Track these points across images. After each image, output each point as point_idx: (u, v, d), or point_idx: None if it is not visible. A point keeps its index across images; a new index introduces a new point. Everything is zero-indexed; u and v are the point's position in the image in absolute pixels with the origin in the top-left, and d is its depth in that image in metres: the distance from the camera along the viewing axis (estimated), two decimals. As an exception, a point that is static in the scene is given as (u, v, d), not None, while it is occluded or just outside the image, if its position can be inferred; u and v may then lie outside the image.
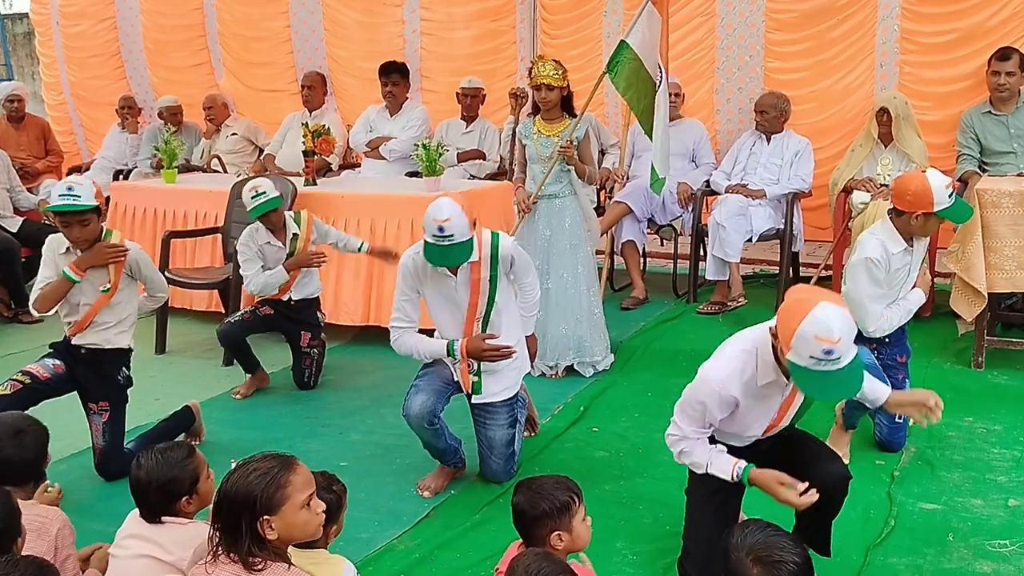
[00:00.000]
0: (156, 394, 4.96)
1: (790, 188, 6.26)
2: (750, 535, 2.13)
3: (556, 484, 2.68)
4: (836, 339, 2.48)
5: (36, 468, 2.91)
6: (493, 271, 3.72)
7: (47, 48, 9.83)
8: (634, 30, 5.17)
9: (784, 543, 2.11)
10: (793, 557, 2.07)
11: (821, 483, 2.90)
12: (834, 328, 2.49)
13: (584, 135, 5.04)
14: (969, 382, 4.89)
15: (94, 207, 3.83)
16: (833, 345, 2.49)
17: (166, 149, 6.71)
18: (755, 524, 2.20)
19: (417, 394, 3.74)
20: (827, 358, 2.50)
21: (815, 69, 6.80)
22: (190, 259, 6.41)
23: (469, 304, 3.76)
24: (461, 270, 3.72)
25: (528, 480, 2.74)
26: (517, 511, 2.67)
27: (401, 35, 8.15)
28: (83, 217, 3.81)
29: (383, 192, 6.00)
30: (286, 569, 2.25)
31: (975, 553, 3.26)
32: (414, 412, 3.70)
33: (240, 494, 2.21)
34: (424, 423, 3.71)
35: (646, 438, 4.32)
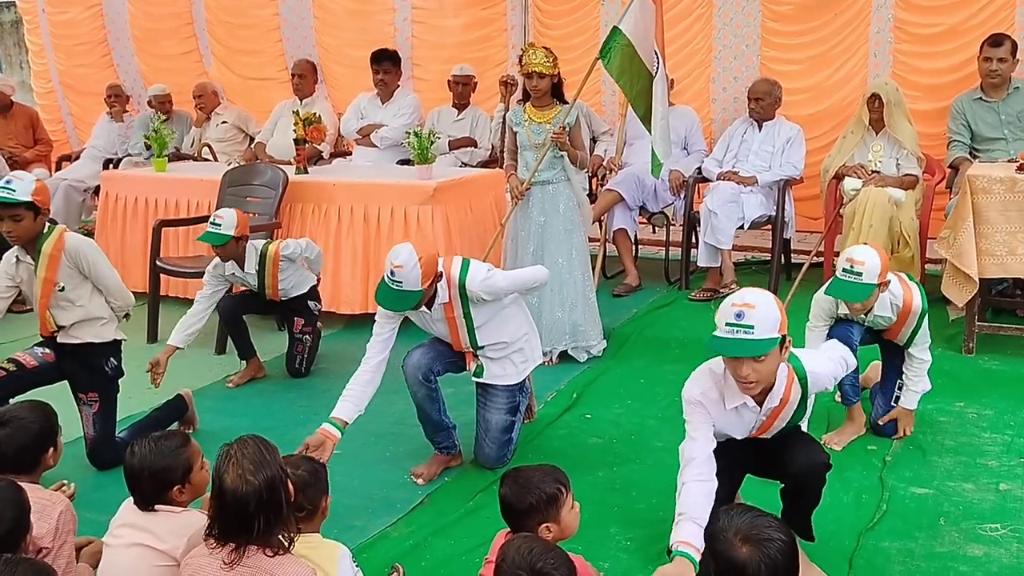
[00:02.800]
0: (148, 383, 4.90)
1: (781, 175, 6.27)
2: (736, 517, 2.17)
3: (543, 475, 2.68)
4: (750, 303, 2.66)
5: (36, 455, 2.88)
6: (465, 308, 3.73)
7: (35, 36, 9.77)
8: (627, 16, 5.16)
9: (770, 522, 2.16)
10: (780, 535, 2.12)
11: (796, 471, 2.97)
12: (747, 296, 2.70)
13: (575, 121, 5.05)
14: (960, 367, 4.91)
15: (26, 202, 3.74)
16: (743, 307, 2.65)
17: (156, 138, 6.68)
18: (740, 507, 2.24)
19: (417, 348, 3.83)
20: (737, 321, 2.64)
21: (811, 58, 6.85)
22: (183, 248, 6.39)
23: (451, 334, 3.82)
24: (435, 309, 3.75)
25: (515, 472, 2.74)
26: (504, 503, 2.67)
27: (392, 23, 8.13)
28: (13, 211, 3.75)
29: (374, 180, 5.99)
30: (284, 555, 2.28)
31: (966, 537, 3.28)
32: (412, 362, 3.76)
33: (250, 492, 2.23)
34: (419, 375, 3.73)
35: (639, 424, 4.33)
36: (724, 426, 2.97)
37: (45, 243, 3.86)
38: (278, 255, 4.94)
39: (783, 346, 2.77)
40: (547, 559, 2.26)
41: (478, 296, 3.71)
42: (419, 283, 3.52)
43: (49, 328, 3.96)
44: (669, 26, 6.93)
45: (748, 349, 2.68)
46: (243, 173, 6.23)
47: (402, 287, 3.52)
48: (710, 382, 2.94)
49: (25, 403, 3.06)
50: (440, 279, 3.65)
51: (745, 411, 2.93)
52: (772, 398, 2.88)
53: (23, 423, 2.86)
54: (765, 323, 2.67)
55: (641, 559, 3.20)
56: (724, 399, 2.90)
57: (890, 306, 3.85)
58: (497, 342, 3.85)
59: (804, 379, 2.93)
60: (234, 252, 4.88)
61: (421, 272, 3.51)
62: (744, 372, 2.73)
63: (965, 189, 4.89)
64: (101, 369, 4.01)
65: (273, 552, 2.26)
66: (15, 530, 2.39)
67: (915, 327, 3.89)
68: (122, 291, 4.09)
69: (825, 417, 4.18)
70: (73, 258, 3.90)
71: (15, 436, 2.84)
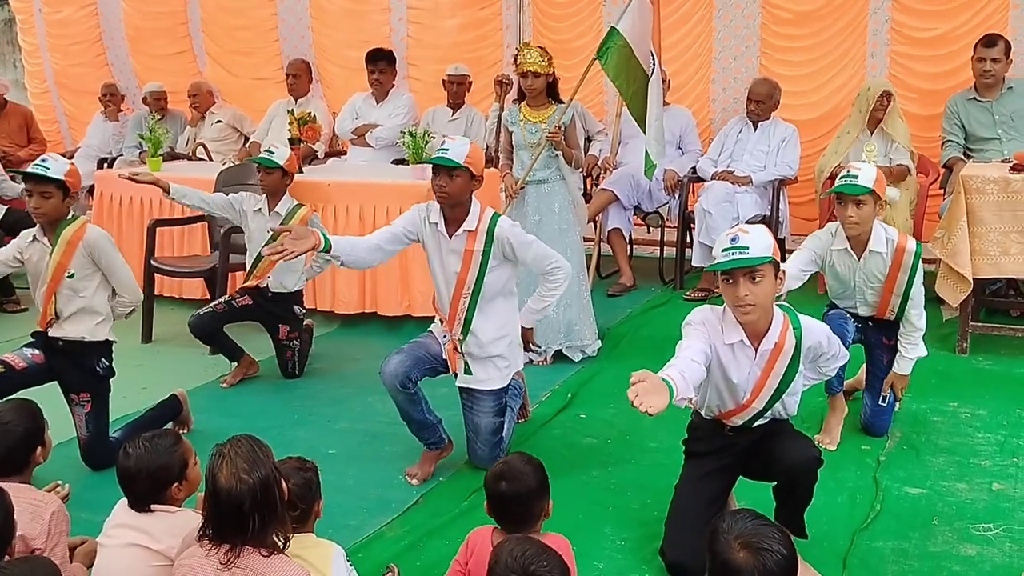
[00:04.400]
0: (143, 383, 4.94)
1: (776, 175, 6.28)
2: (740, 522, 2.15)
3: (523, 460, 2.74)
4: (745, 230, 2.81)
5: (23, 456, 2.87)
6: (487, 246, 3.73)
7: (29, 36, 9.73)
8: (624, 17, 5.17)
9: (773, 534, 2.13)
10: (780, 548, 2.10)
11: (789, 467, 3.01)
12: (742, 226, 2.86)
13: (571, 121, 5.05)
14: (953, 367, 4.92)
15: (58, 181, 3.83)
16: (738, 233, 2.79)
17: (151, 137, 6.67)
18: (747, 513, 2.23)
19: (396, 355, 3.77)
20: (733, 244, 2.77)
21: (809, 60, 6.91)
22: (177, 248, 6.39)
23: (458, 277, 3.77)
24: (456, 237, 3.74)
25: (500, 471, 2.73)
26: (508, 499, 2.67)
27: (387, 23, 8.13)
28: (44, 188, 3.83)
29: (369, 179, 5.99)
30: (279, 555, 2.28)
31: (960, 536, 3.29)
32: (389, 370, 3.71)
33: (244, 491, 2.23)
34: (397, 383, 3.70)
35: (633, 425, 4.33)
36: (725, 362, 2.98)
37: (66, 228, 3.91)
38: (309, 215, 5.04)
39: (778, 276, 2.85)
40: (540, 561, 2.25)
41: (505, 241, 3.73)
42: (462, 158, 3.63)
43: (48, 317, 3.95)
44: (670, 28, 7.01)
45: (744, 263, 2.77)
46: (238, 172, 6.22)
47: (447, 154, 3.63)
48: (712, 314, 3.01)
49: (9, 404, 3.04)
50: (479, 185, 3.77)
51: (741, 353, 2.95)
52: (768, 340, 2.92)
53: (8, 426, 2.85)
54: (759, 245, 2.78)
55: (635, 559, 3.21)
56: (724, 336, 2.95)
57: (885, 241, 3.88)
58: (484, 334, 3.81)
59: (798, 328, 2.96)
60: (278, 185, 5.03)
61: (470, 150, 3.65)
62: (741, 292, 2.80)
63: (959, 189, 4.90)
64: (92, 369, 4.00)
65: (268, 552, 2.26)
66: (2, 531, 2.37)
67: (908, 281, 3.89)
68: (132, 286, 4.12)
69: (818, 418, 4.18)
70: (90, 249, 3.93)
71: (1, 440, 2.82)
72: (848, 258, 3.97)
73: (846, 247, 3.95)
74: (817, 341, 3.04)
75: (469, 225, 3.73)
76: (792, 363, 2.97)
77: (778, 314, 2.95)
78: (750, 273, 2.79)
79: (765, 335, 2.94)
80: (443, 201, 3.74)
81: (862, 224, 3.84)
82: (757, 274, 2.79)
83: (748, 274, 2.80)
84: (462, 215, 3.75)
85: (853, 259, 3.95)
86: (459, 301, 3.79)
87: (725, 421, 3.11)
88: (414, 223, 3.85)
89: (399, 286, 5.71)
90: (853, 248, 3.94)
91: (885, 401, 4.09)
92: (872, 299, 4.01)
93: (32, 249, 4.01)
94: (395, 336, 5.38)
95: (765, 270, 2.80)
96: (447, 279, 3.81)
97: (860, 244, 3.92)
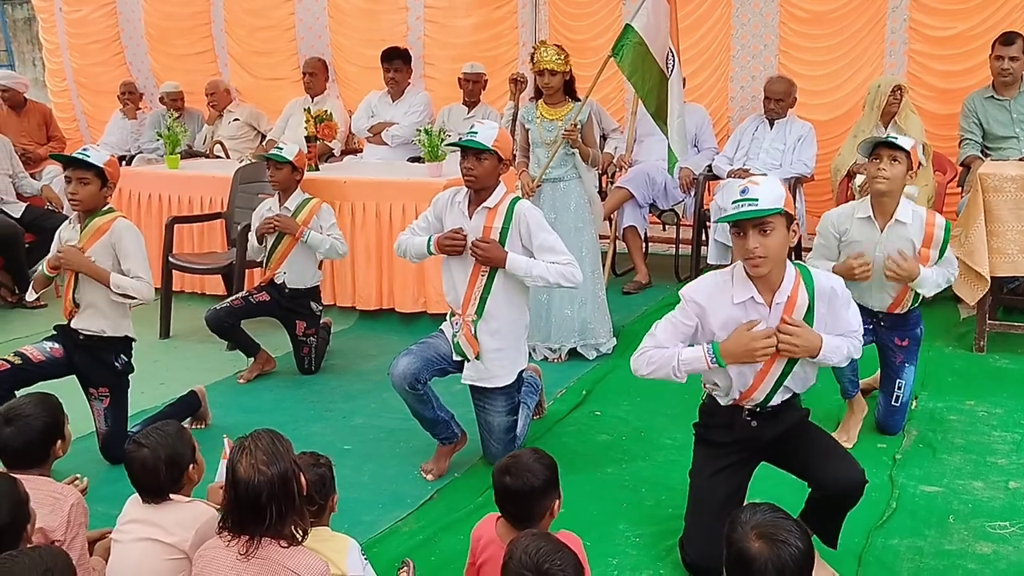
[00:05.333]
0: (161, 378, 4.98)
1: (792, 173, 6.26)
2: (759, 513, 2.15)
3: (534, 456, 2.71)
4: (755, 181, 2.78)
5: (43, 449, 2.89)
6: (506, 223, 3.75)
7: (50, 35, 9.81)
8: (639, 14, 5.17)
9: (791, 527, 2.12)
10: (796, 542, 2.08)
11: (835, 487, 2.90)
12: (753, 178, 2.84)
13: (587, 118, 5.06)
14: (971, 366, 4.91)
15: (97, 168, 3.90)
16: (748, 184, 2.77)
17: (169, 135, 6.71)
18: (767, 506, 2.21)
19: (405, 356, 3.78)
20: (742, 196, 2.75)
21: (828, 60, 6.92)
22: (196, 244, 6.44)
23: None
24: (476, 215, 3.77)
25: (507, 465, 2.71)
26: (513, 494, 2.66)
27: (404, 22, 8.17)
28: (83, 174, 3.89)
29: (385, 177, 6.01)
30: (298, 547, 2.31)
31: (975, 535, 3.28)
32: (398, 372, 3.73)
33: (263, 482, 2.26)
34: (406, 385, 3.72)
35: (648, 422, 4.34)
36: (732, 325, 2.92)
37: (97, 218, 3.97)
38: (318, 206, 5.08)
39: (791, 228, 2.82)
40: (555, 559, 2.23)
41: (522, 220, 3.75)
42: (491, 141, 3.69)
43: (69, 306, 3.99)
44: (689, 27, 7.04)
45: (751, 214, 2.74)
46: (255, 170, 6.25)
47: (476, 137, 3.70)
48: (713, 279, 2.98)
49: (30, 397, 3.05)
50: (507, 169, 3.84)
51: (753, 310, 2.89)
52: (780, 293, 2.88)
53: (28, 420, 2.86)
54: (769, 196, 2.75)
55: (650, 555, 3.21)
56: (733, 295, 2.90)
57: (911, 214, 3.83)
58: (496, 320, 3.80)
59: (810, 281, 2.91)
60: (288, 180, 5.07)
61: (498, 134, 3.72)
62: (751, 244, 2.77)
63: (977, 187, 4.88)
64: (111, 364, 4.03)
65: (287, 544, 2.29)
66: (13, 524, 2.38)
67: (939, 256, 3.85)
68: (148, 274, 4.03)
69: (835, 418, 4.17)
70: (116, 239, 3.97)
71: (22, 433, 2.84)
72: (870, 229, 3.86)
73: (869, 215, 3.87)
74: (830, 287, 2.94)
75: (489, 203, 3.77)
76: (807, 317, 2.90)
77: (790, 268, 2.91)
78: (760, 225, 2.76)
79: (778, 289, 2.89)
80: (471, 184, 3.78)
81: (892, 181, 3.76)
82: (767, 226, 2.75)
83: (758, 226, 2.76)
84: (486, 197, 3.79)
85: (875, 230, 3.86)
86: (476, 279, 3.80)
87: (743, 404, 3.00)
88: (436, 206, 3.94)
89: (415, 283, 5.74)
90: (877, 216, 3.85)
91: (898, 401, 4.07)
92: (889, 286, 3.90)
93: (66, 233, 4.07)
94: (410, 333, 5.39)
95: (775, 221, 2.76)
96: (465, 259, 3.81)
97: (885, 212, 3.84)
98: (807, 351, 2.88)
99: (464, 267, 3.83)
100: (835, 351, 2.93)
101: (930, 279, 3.84)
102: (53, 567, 2.12)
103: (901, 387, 4.05)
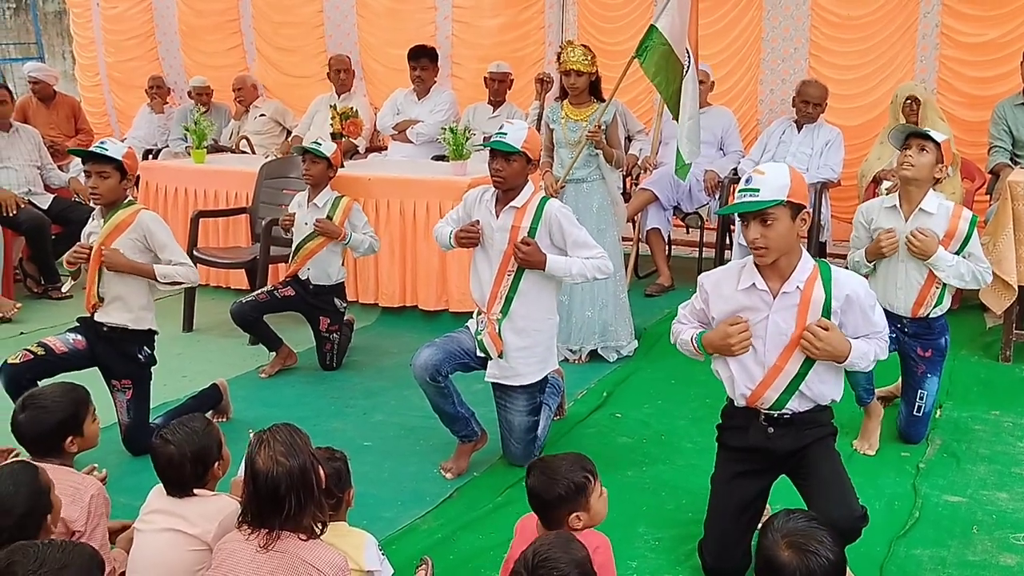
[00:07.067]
0: (183, 371, 5.01)
1: (819, 177, 6.21)
2: (791, 521, 2.13)
3: (570, 465, 2.66)
4: (762, 171, 2.79)
5: (55, 442, 2.86)
6: (534, 223, 3.74)
7: (83, 30, 9.91)
8: (664, 14, 5.13)
9: (824, 537, 2.10)
10: (827, 553, 2.06)
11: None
12: (762, 167, 2.84)
13: (612, 119, 5.04)
14: (996, 376, 4.86)
15: (115, 161, 3.91)
16: (754, 174, 2.79)
17: (196, 130, 6.75)
18: (801, 514, 2.19)
19: (428, 348, 3.78)
20: (746, 186, 2.78)
21: (859, 65, 6.88)
22: (221, 239, 6.47)
23: (504, 253, 3.76)
24: (503, 214, 3.76)
25: (541, 461, 2.72)
26: (532, 494, 2.66)
27: (433, 22, 8.21)
28: (103, 168, 3.91)
29: (410, 175, 6.02)
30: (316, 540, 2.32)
31: (999, 546, 3.24)
32: (419, 363, 3.73)
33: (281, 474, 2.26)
34: (427, 376, 3.72)
35: (669, 425, 4.32)
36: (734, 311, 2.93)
37: (118, 212, 3.98)
38: (351, 206, 5.10)
39: (797, 217, 2.80)
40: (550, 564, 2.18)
41: (553, 220, 3.74)
42: (520, 143, 3.69)
43: (92, 300, 4.01)
44: (721, 31, 7.06)
45: (749, 206, 2.77)
46: (280, 166, 6.28)
47: (505, 139, 3.70)
48: (735, 265, 3.01)
49: (56, 387, 3.03)
50: (535, 169, 3.86)
51: (756, 297, 2.89)
52: (789, 284, 2.85)
53: (44, 410, 2.85)
54: (771, 187, 2.77)
55: (669, 559, 3.20)
56: (739, 281, 2.92)
57: (937, 205, 3.82)
58: (522, 320, 3.78)
59: (828, 279, 2.87)
60: (322, 176, 5.09)
61: (527, 135, 3.72)
62: (751, 235, 2.80)
63: (1006, 195, 4.83)
64: (134, 356, 4.05)
65: (306, 537, 2.29)
66: (32, 512, 2.37)
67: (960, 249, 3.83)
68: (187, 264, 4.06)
69: (855, 425, 4.13)
70: (143, 231, 3.98)
71: (35, 422, 2.84)
72: (896, 217, 3.86)
73: (895, 204, 3.88)
74: (853, 290, 2.88)
75: (517, 203, 3.76)
76: (824, 312, 2.85)
77: (807, 261, 2.88)
78: (760, 216, 2.78)
79: (787, 279, 2.86)
80: (499, 185, 3.78)
81: (918, 169, 3.76)
82: (768, 217, 2.77)
83: (758, 217, 2.78)
84: (514, 197, 3.79)
85: (900, 218, 3.85)
86: (502, 278, 3.79)
87: (758, 406, 2.95)
88: (466, 203, 3.95)
89: (438, 280, 5.74)
90: (903, 205, 3.85)
91: (920, 411, 4.03)
92: (915, 276, 3.86)
93: (90, 227, 4.09)
94: (432, 330, 5.38)
95: (777, 212, 2.76)
96: (492, 258, 3.81)
97: (911, 201, 3.83)
98: (832, 356, 2.85)
99: (491, 265, 3.82)
100: (863, 357, 2.90)
101: (948, 261, 3.80)
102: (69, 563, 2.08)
103: (923, 397, 4.01)
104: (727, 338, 2.89)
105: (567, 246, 3.78)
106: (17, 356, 3.87)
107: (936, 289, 3.87)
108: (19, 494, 2.37)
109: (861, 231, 4.03)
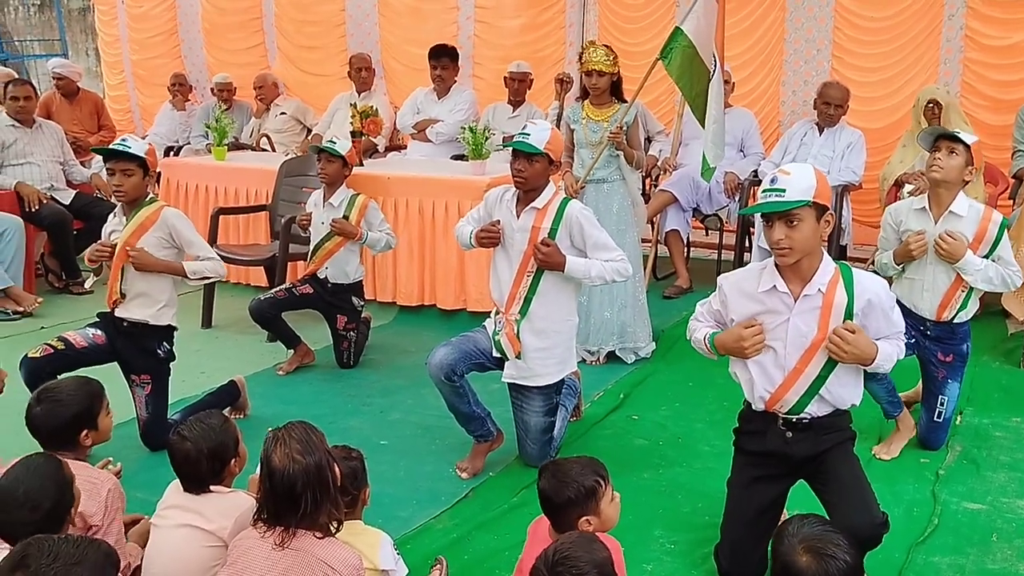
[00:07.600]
0: (202, 367, 5.03)
1: (840, 180, 6.16)
2: (808, 526, 2.12)
3: (582, 468, 2.64)
4: (787, 171, 2.76)
5: (69, 436, 2.86)
6: (555, 224, 3.73)
7: (109, 28, 9.99)
8: (689, 17, 5.11)
9: (840, 541, 2.08)
10: (845, 556, 2.05)
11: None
12: (788, 167, 2.82)
13: (633, 120, 5.02)
14: (1018, 382, 4.81)
15: (138, 159, 3.93)
16: (779, 174, 2.76)
17: (217, 127, 6.78)
18: (816, 518, 2.18)
19: (443, 347, 3.79)
20: (771, 186, 2.75)
21: (882, 67, 6.85)
22: (242, 236, 6.50)
23: (524, 254, 3.76)
24: (524, 214, 3.75)
25: (553, 464, 2.71)
26: (543, 496, 2.64)
27: (455, 21, 8.22)
28: (126, 165, 3.93)
29: (429, 174, 6.02)
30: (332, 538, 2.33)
31: (1018, 554, 3.21)
32: (435, 362, 3.74)
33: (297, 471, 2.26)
34: (442, 375, 3.72)
35: (686, 428, 4.30)
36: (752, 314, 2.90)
37: (142, 210, 4.00)
38: (367, 204, 5.09)
39: (822, 219, 2.78)
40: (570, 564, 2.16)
41: (574, 221, 3.73)
42: (543, 144, 3.67)
43: (114, 296, 4.03)
44: (743, 32, 7.03)
45: (775, 207, 2.74)
46: (300, 164, 6.30)
47: (528, 139, 3.68)
48: (755, 267, 2.99)
49: (70, 380, 3.04)
50: (557, 170, 3.88)
51: (777, 299, 2.85)
52: (810, 286, 2.82)
53: (59, 404, 2.86)
54: (797, 188, 2.74)
55: (685, 563, 3.18)
56: (760, 283, 2.89)
57: (967, 207, 3.78)
58: (541, 321, 3.77)
59: (850, 283, 2.84)
60: (337, 174, 5.08)
61: (550, 136, 3.70)
62: (775, 236, 2.77)
63: (1030, 200, 4.79)
64: (154, 352, 4.07)
65: (322, 535, 2.29)
66: (58, 505, 2.37)
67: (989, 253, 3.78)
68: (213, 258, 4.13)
69: (876, 432, 4.11)
70: (168, 228, 4.00)
71: (50, 416, 2.84)
72: (925, 220, 3.82)
73: (924, 205, 3.83)
74: (875, 293, 2.86)
75: (538, 204, 3.75)
76: (846, 314, 2.82)
77: (828, 264, 2.85)
78: (786, 217, 2.74)
79: (809, 281, 2.83)
80: (520, 186, 3.77)
81: (947, 171, 3.72)
82: (793, 218, 2.74)
83: (783, 218, 2.75)
84: (535, 198, 3.78)
85: (929, 221, 3.80)
86: (522, 279, 3.78)
87: (776, 410, 2.92)
88: (487, 202, 3.95)
89: (456, 280, 5.75)
90: (932, 207, 3.81)
91: (940, 417, 3.99)
92: (942, 279, 3.83)
93: (112, 224, 4.12)
94: (449, 330, 5.38)
95: (802, 214, 2.73)
96: (512, 258, 3.81)
97: (940, 204, 3.79)
98: (859, 359, 2.82)
99: (510, 265, 3.81)
100: (888, 359, 2.87)
101: (976, 265, 3.75)
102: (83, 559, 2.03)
103: (943, 403, 3.97)
104: (740, 341, 2.88)
105: (587, 248, 3.77)
106: (37, 350, 3.89)
107: (962, 292, 3.83)
108: (46, 488, 2.36)
109: (889, 232, 3.98)
